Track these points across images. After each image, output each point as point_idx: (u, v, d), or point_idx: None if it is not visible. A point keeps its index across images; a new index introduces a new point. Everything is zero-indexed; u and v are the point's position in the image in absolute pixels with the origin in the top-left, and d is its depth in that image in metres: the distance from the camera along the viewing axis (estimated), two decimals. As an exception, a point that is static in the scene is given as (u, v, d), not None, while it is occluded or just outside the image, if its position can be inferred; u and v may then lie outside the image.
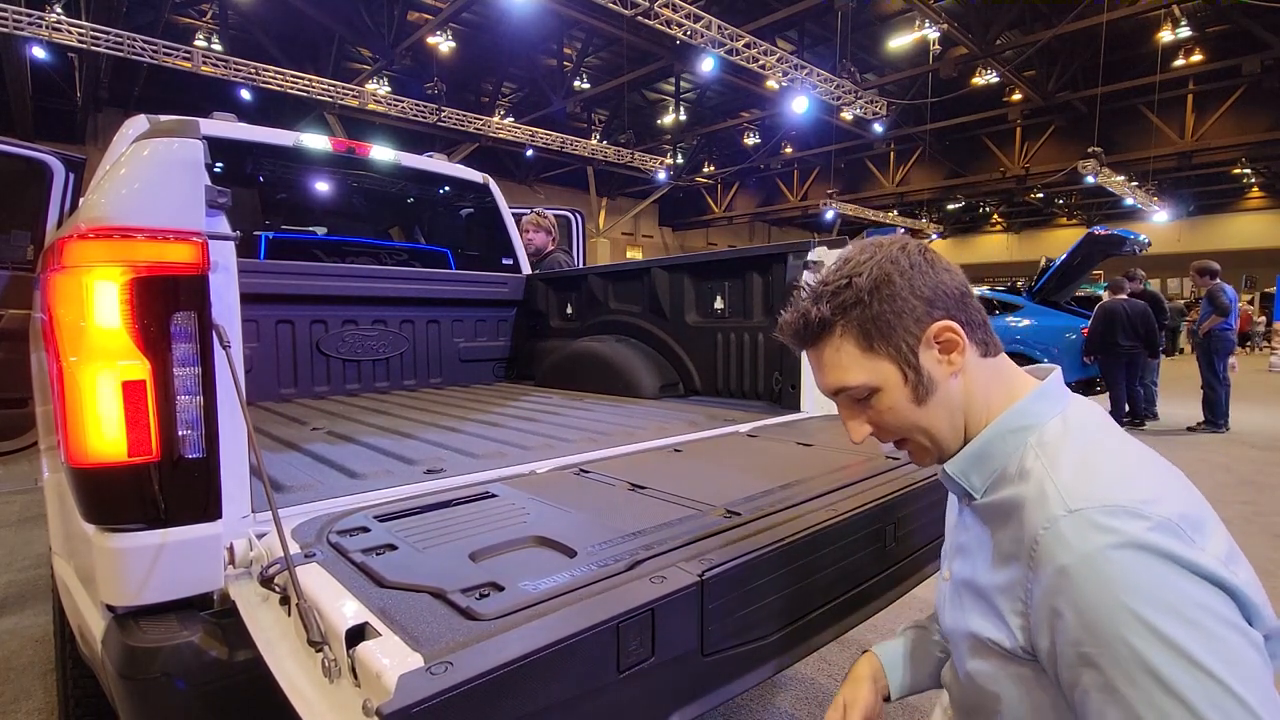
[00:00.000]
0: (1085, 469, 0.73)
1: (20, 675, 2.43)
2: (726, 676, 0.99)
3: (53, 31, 10.27)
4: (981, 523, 0.85)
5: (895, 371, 0.82)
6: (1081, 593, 0.66)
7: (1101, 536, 0.66)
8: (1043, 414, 0.82)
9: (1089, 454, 0.76)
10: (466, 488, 1.40)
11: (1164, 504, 0.67)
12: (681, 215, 28.11)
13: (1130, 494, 0.68)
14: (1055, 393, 0.84)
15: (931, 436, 0.85)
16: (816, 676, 2.42)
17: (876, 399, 0.84)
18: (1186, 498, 0.71)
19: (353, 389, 3.21)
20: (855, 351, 0.83)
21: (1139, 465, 0.75)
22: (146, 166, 1.08)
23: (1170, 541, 0.64)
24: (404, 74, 15.58)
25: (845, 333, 0.83)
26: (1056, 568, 0.68)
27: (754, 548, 1.03)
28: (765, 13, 12.48)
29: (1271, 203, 24.53)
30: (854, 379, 0.84)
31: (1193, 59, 14.38)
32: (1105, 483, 0.70)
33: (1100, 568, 0.65)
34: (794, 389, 2.39)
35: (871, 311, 0.81)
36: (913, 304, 0.81)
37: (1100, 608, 0.65)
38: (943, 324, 0.81)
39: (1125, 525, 0.65)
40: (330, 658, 0.78)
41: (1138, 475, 0.73)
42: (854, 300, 0.82)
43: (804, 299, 0.87)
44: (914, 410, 0.83)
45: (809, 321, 0.84)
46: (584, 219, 5.26)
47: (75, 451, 1.03)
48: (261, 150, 3.24)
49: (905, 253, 0.83)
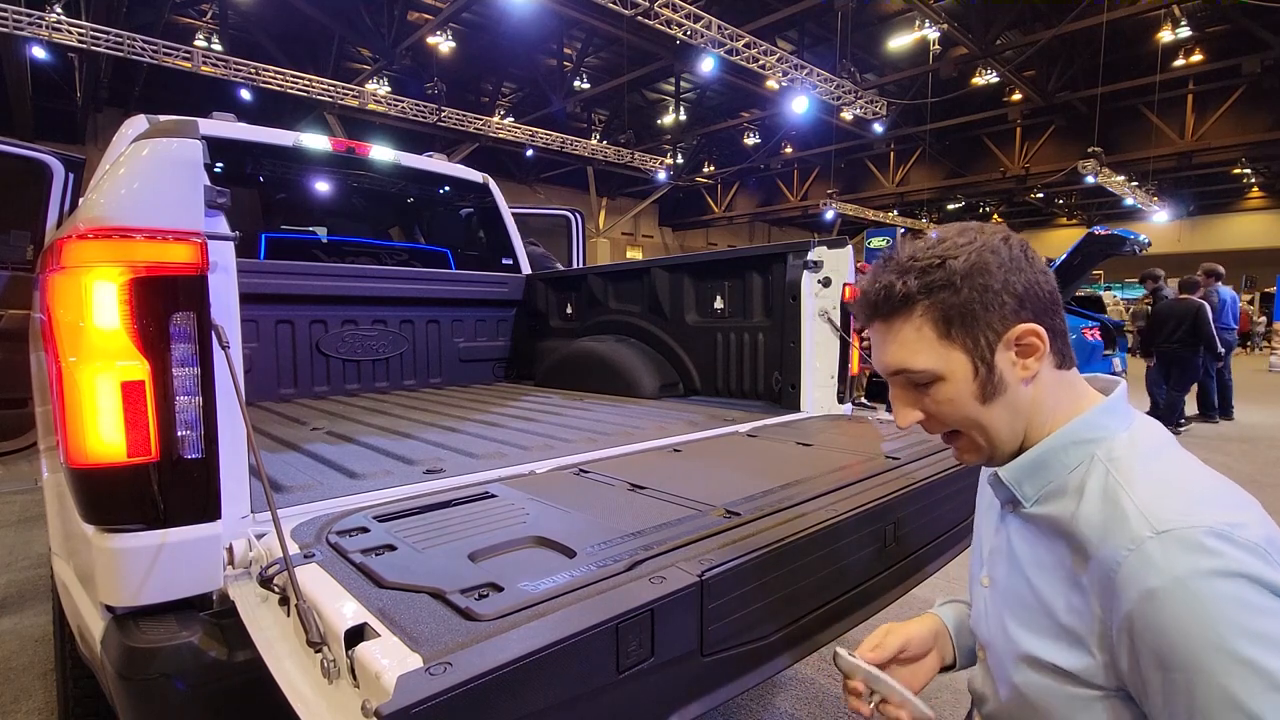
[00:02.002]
0: (1165, 488, 0.70)
1: (20, 675, 2.43)
2: (726, 676, 0.99)
3: (53, 31, 10.27)
4: (1033, 533, 0.82)
5: (966, 364, 0.78)
6: (1173, 617, 0.64)
7: (1193, 560, 0.63)
8: (1111, 428, 0.79)
9: (1166, 472, 0.73)
10: (466, 488, 1.40)
11: (1250, 528, 0.65)
12: (681, 215, 28.11)
13: (1217, 516, 0.65)
14: (1122, 409, 0.81)
15: (988, 436, 0.81)
16: (816, 676, 2.41)
17: (937, 388, 0.80)
18: (1264, 520, 0.69)
19: (352, 389, 3.21)
20: (931, 335, 0.78)
21: (1217, 486, 0.72)
22: (146, 166, 1.08)
23: (1261, 568, 0.63)
24: (404, 74, 15.58)
25: (926, 314, 0.78)
26: (1144, 590, 0.65)
27: (754, 548, 1.03)
28: (765, 13, 12.49)
29: (1271, 203, 24.52)
30: (920, 363, 0.79)
31: (1193, 59, 14.38)
32: (1189, 503, 0.68)
33: (1192, 593, 0.63)
34: (794, 389, 2.39)
35: (960, 298, 0.76)
36: (1003, 299, 0.77)
37: (1192, 635, 0.62)
38: (1029, 326, 0.77)
39: (1218, 549, 0.63)
40: (329, 658, 0.78)
41: (1218, 497, 0.70)
42: (944, 282, 0.77)
43: (887, 269, 0.81)
44: (975, 407, 0.79)
45: (891, 293, 0.79)
46: (584, 219, 5.25)
47: (74, 452, 1.03)
48: (261, 150, 3.24)
49: (1007, 245, 0.78)
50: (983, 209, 28.70)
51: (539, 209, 5.29)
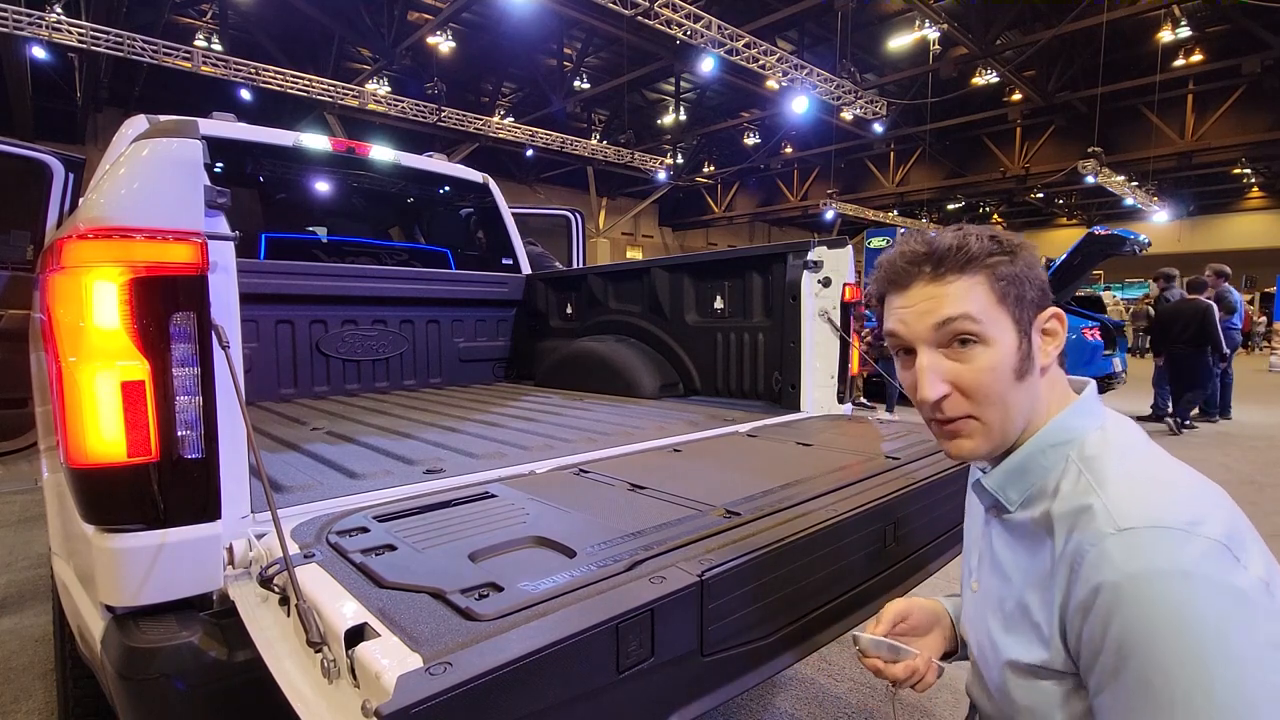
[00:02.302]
0: (1131, 486, 0.72)
1: (20, 675, 2.43)
2: (726, 676, 0.99)
3: (53, 31, 10.28)
4: (1016, 538, 0.83)
5: (1013, 335, 0.79)
6: (1123, 612, 0.66)
7: (1149, 559, 0.66)
8: (1083, 429, 0.81)
9: (1133, 470, 0.75)
10: (466, 488, 1.40)
11: (1210, 524, 0.67)
12: (681, 215, 28.10)
13: (1178, 514, 0.67)
14: (1093, 407, 0.84)
15: (1005, 418, 0.81)
16: (816, 676, 2.41)
17: (979, 353, 0.79)
18: (1230, 515, 0.70)
19: (352, 389, 3.21)
20: (988, 296, 0.79)
21: (1183, 482, 0.74)
22: (146, 166, 1.08)
23: (1216, 567, 0.64)
24: (404, 74, 15.58)
25: (986, 276, 0.79)
26: (1099, 584, 0.68)
27: (754, 548, 1.03)
28: (765, 13, 12.49)
29: (1271, 203, 24.53)
30: (976, 314, 0.79)
31: (1193, 59, 14.38)
32: (1153, 502, 0.70)
33: (1145, 590, 0.65)
34: (794, 389, 2.39)
35: (1015, 269, 0.79)
36: (1040, 282, 0.81)
37: (1138, 629, 0.65)
38: (1056, 311, 0.81)
39: (1174, 548, 0.65)
40: (329, 658, 0.78)
41: (1183, 493, 0.72)
42: (1002, 250, 0.80)
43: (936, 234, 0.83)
44: (1010, 381, 0.79)
45: (964, 247, 0.79)
46: (584, 219, 5.25)
47: (74, 452, 1.03)
48: (261, 150, 3.24)
49: (1030, 244, 0.84)
50: (983, 209, 28.70)
51: (539, 209, 5.29)
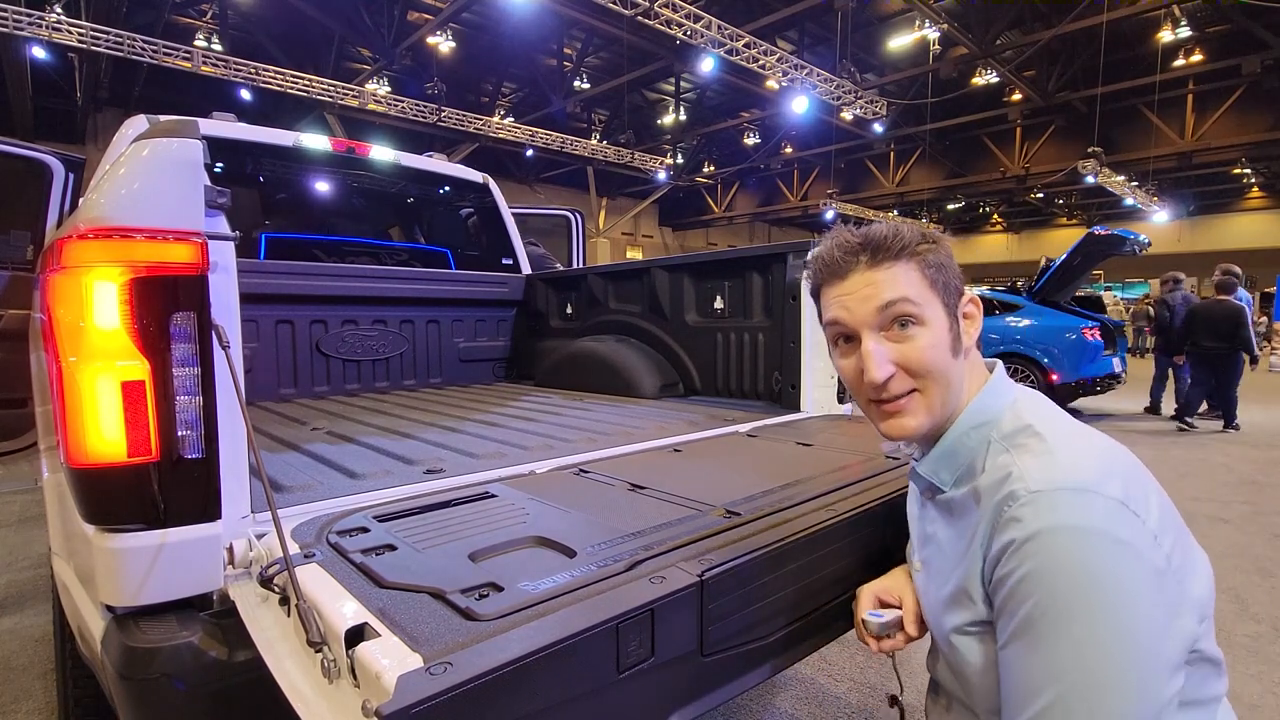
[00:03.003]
0: (1042, 456, 0.80)
1: (20, 675, 2.43)
2: (726, 676, 0.99)
3: (53, 31, 10.28)
4: (950, 514, 0.90)
5: (944, 316, 0.88)
6: (1028, 563, 0.74)
7: (1053, 516, 0.74)
8: (997, 408, 0.89)
9: (1046, 441, 0.82)
10: (466, 488, 1.40)
11: (1110, 484, 0.75)
12: (681, 215, 28.10)
13: (1082, 477, 0.76)
14: (1001, 387, 0.92)
15: (945, 392, 0.89)
16: (816, 676, 2.42)
17: (919, 333, 0.87)
18: (1128, 475, 0.79)
19: (352, 389, 3.21)
20: (921, 281, 0.88)
21: (1087, 448, 0.82)
22: (146, 166, 1.08)
23: (1112, 522, 0.73)
24: (404, 74, 15.58)
25: (918, 262, 0.88)
26: (1011, 539, 0.76)
27: (754, 548, 1.03)
28: (765, 13, 12.49)
29: (1271, 203, 24.52)
30: (915, 297, 0.87)
31: (1193, 59, 14.38)
32: (1061, 467, 0.78)
33: (1048, 542, 0.73)
34: (794, 389, 2.39)
35: (939, 257, 0.89)
36: (957, 270, 0.90)
37: (1040, 576, 0.73)
38: (972, 296, 0.92)
39: (1075, 506, 0.74)
40: (330, 658, 0.78)
41: (1087, 459, 0.79)
42: (931, 240, 0.89)
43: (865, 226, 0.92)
44: (949, 358, 0.88)
45: (898, 237, 0.88)
46: (584, 219, 5.25)
47: (75, 452, 1.03)
48: (261, 150, 3.24)
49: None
50: (983, 209, 28.71)
51: (539, 209, 5.29)
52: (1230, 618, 2.78)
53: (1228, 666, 0.83)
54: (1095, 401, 8.85)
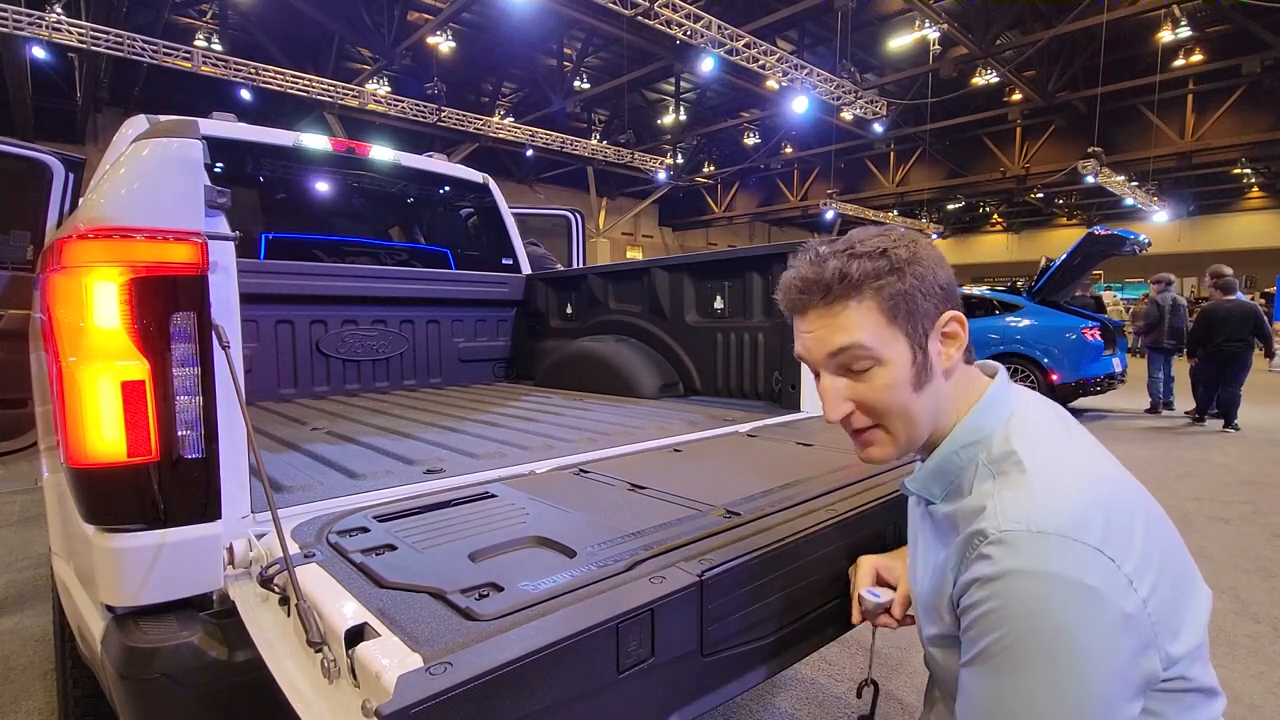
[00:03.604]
0: (1021, 491, 0.76)
1: (20, 675, 2.43)
2: (726, 676, 0.99)
3: (53, 31, 10.28)
4: (936, 528, 0.89)
5: (907, 351, 0.82)
6: (989, 603, 0.72)
7: (1019, 560, 0.71)
8: (988, 427, 0.84)
9: (1028, 473, 0.78)
10: (466, 488, 1.40)
11: (1088, 528, 0.71)
12: (681, 215, 28.10)
13: (1056, 520, 0.72)
14: (998, 401, 0.87)
15: (909, 427, 0.86)
16: (816, 676, 2.41)
17: (875, 373, 0.83)
18: (1110, 516, 0.73)
19: (352, 389, 3.21)
20: (877, 319, 0.81)
21: (1071, 484, 0.76)
22: (146, 166, 1.08)
23: (1080, 569, 0.69)
24: (404, 74, 15.59)
25: (874, 298, 0.81)
26: (977, 577, 0.74)
27: (754, 548, 1.03)
28: (765, 13, 12.49)
29: (1271, 203, 24.53)
30: (868, 342, 0.82)
31: (1193, 59, 14.39)
32: (1036, 507, 0.73)
33: (1010, 585, 0.71)
34: (794, 389, 2.39)
35: (905, 285, 0.81)
36: (934, 289, 0.83)
37: (997, 619, 0.71)
38: (955, 314, 0.84)
39: (1043, 552, 0.70)
40: (330, 658, 0.78)
41: (1068, 498, 0.74)
42: (889, 269, 0.81)
43: (829, 255, 0.83)
44: (909, 394, 0.83)
45: (843, 274, 0.81)
46: (584, 219, 5.25)
47: (75, 452, 1.03)
48: (261, 150, 3.24)
49: (927, 241, 0.85)
50: (983, 209, 28.72)
51: (539, 209, 5.29)
52: (1230, 618, 2.78)
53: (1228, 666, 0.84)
54: (1096, 401, 8.85)
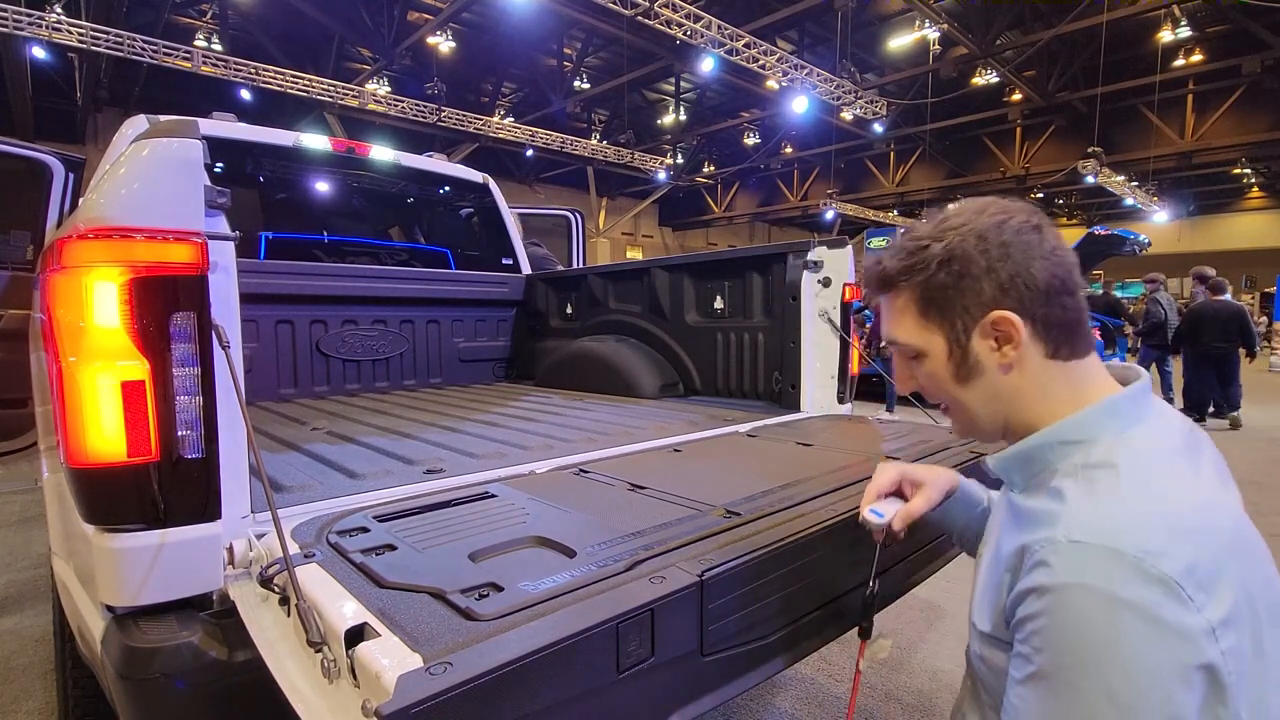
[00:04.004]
0: (1105, 503, 0.70)
1: (20, 675, 2.43)
2: (726, 676, 0.99)
3: (53, 31, 10.27)
4: (1012, 518, 0.84)
5: (943, 345, 0.83)
6: (1046, 617, 0.67)
7: (1083, 574, 0.65)
8: (1102, 430, 0.77)
9: (1122, 486, 0.72)
10: (466, 488, 1.40)
11: (1171, 558, 0.64)
12: (681, 215, 28.09)
13: (1135, 541, 0.65)
14: (1126, 410, 0.79)
15: (963, 414, 0.87)
16: (816, 676, 2.42)
17: (920, 363, 0.86)
18: (1200, 552, 0.66)
19: (353, 389, 3.21)
20: (913, 313, 0.85)
21: (1169, 505, 0.70)
22: (146, 166, 1.08)
23: (1150, 598, 0.63)
24: (404, 74, 15.58)
25: (908, 294, 0.85)
26: (1035, 585, 0.69)
27: (754, 548, 1.03)
28: (765, 13, 12.48)
29: (1271, 203, 24.52)
30: (903, 337, 0.86)
31: (1193, 59, 14.37)
32: (1117, 523, 0.68)
33: (1070, 601, 0.65)
34: (794, 389, 2.39)
35: (935, 281, 0.81)
36: (980, 286, 0.78)
37: (1052, 638, 0.66)
38: (1002, 314, 0.78)
39: (1112, 571, 0.64)
40: (330, 658, 0.78)
41: (1156, 522, 0.68)
42: (921, 265, 0.82)
43: (890, 248, 0.88)
44: (953, 386, 0.85)
45: (880, 273, 0.88)
46: (584, 219, 5.25)
47: (75, 452, 1.03)
48: (261, 150, 3.24)
49: (1005, 229, 0.78)
50: (983, 209, 28.63)
51: (539, 209, 5.29)
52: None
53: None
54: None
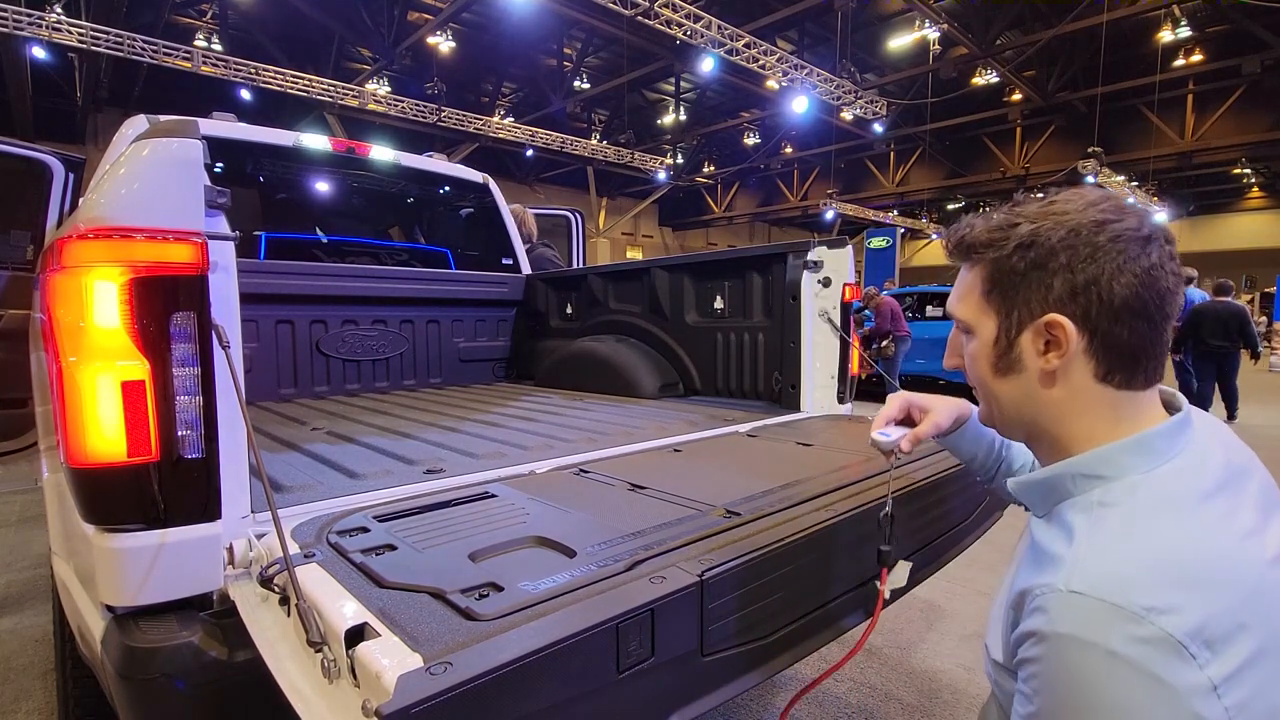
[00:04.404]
0: (1113, 554, 0.67)
1: (20, 675, 2.43)
2: (726, 676, 0.99)
3: (53, 31, 10.28)
4: (1030, 545, 0.82)
5: (993, 330, 0.80)
6: (1041, 664, 0.66)
7: (1079, 626, 0.63)
8: (1124, 468, 0.73)
9: (1134, 531, 0.68)
10: (466, 488, 1.40)
11: (1178, 614, 0.60)
12: (681, 215, 28.10)
13: (1139, 597, 0.61)
14: (1155, 447, 0.73)
15: (990, 403, 0.85)
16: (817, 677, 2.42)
17: (970, 340, 0.84)
18: (1217, 604, 0.61)
19: (352, 389, 3.21)
20: (978, 289, 0.82)
21: (1180, 557, 0.65)
22: (146, 166, 1.08)
23: (1150, 656, 0.59)
24: (404, 74, 15.58)
25: (981, 267, 0.81)
26: (1032, 630, 0.67)
27: (754, 548, 1.03)
28: (765, 13, 12.49)
29: (1271, 203, 24.52)
30: (960, 311, 0.84)
31: (1193, 59, 14.39)
32: (1121, 577, 0.64)
33: (1064, 653, 0.63)
34: (794, 389, 2.39)
35: (1008, 263, 0.77)
36: (1050, 283, 0.74)
37: (1046, 688, 0.65)
38: (1057, 319, 0.73)
39: (1110, 625, 0.61)
40: (330, 658, 0.78)
41: (1169, 572, 0.63)
42: (1001, 242, 0.78)
43: (984, 215, 0.84)
44: (988, 373, 0.82)
45: (961, 239, 0.84)
46: (584, 219, 5.26)
47: (75, 452, 1.03)
48: (261, 150, 3.24)
49: (1104, 230, 0.72)
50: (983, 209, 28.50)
51: (539, 209, 5.29)
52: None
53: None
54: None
